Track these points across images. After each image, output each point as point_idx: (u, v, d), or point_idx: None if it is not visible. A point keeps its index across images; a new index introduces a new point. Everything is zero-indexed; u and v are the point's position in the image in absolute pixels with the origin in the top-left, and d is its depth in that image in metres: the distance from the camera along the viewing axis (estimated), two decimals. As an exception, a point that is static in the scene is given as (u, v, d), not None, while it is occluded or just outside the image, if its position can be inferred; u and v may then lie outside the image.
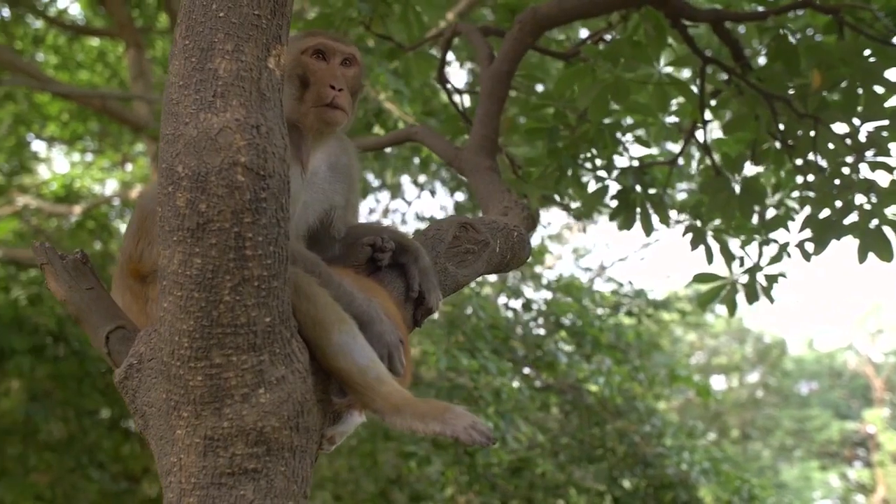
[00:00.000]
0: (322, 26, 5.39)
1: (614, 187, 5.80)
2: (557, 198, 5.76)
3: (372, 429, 15.30)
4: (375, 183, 15.02)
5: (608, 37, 5.06)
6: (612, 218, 5.90)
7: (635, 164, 5.63)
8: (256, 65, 2.16)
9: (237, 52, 2.14)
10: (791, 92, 4.69)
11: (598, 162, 5.72)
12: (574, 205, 5.96)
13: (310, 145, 2.76)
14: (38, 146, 18.82)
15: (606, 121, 5.38)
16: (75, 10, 17.77)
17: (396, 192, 15.95)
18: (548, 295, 12.92)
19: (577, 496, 13.13)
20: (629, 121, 5.49)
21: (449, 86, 5.24)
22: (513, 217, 3.77)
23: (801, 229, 5.39)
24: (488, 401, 10.61)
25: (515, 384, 12.16)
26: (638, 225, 5.72)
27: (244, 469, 2.17)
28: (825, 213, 5.05)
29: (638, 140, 5.75)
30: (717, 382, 32.00)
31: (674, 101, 5.29)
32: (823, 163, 4.83)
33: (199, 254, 2.09)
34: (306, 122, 2.75)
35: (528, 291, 13.40)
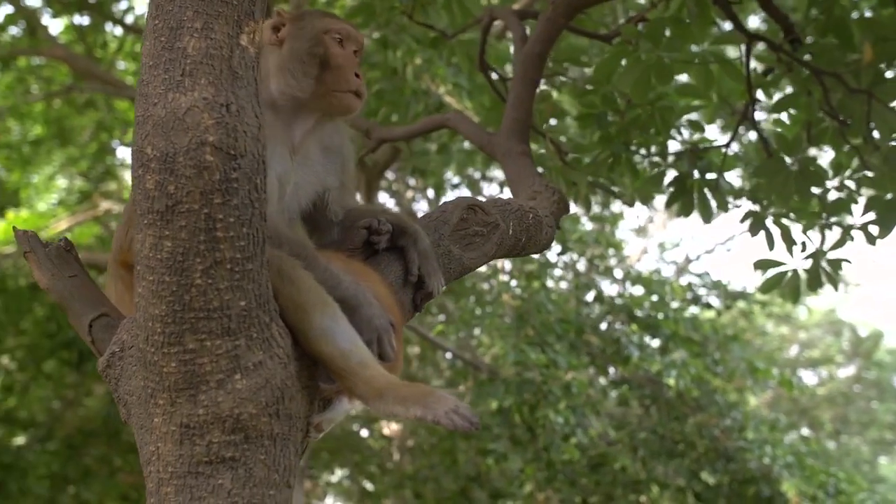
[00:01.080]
0: (364, 15, 5.35)
1: (670, 173, 5.66)
2: (608, 184, 5.62)
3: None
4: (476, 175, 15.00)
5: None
6: (668, 204, 5.75)
7: (684, 149, 5.46)
8: (227, 42, 2.10)
9: (206, 29, 2.08)
10: (843, 68, 4.48)
11: (652, 147, 5.59)
12: (625, 192, 5.80)
13: (307, 126, 2.70)
14: (123, 152, 19.22)
15: (657, 105, 5.25)
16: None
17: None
18: (622, 288, 12.68)
19: (658, 492, 12.87)
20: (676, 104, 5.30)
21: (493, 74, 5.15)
22: (541, 201, 3.67)
23: (865, 212, 5.17)
24: (557, 395, 10.44)
25: (595, 379, 12.01)
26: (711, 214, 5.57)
27: (221, 457, 2.11)
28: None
29: (691, 123, 5.59)
30: (809, 377, 31.12)
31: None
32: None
33: (169, 237, 2.04)
34: (320, 104, 2.70)
35: (605, 285, 13.23)
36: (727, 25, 5.13)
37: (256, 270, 2.13)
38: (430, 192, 16.40)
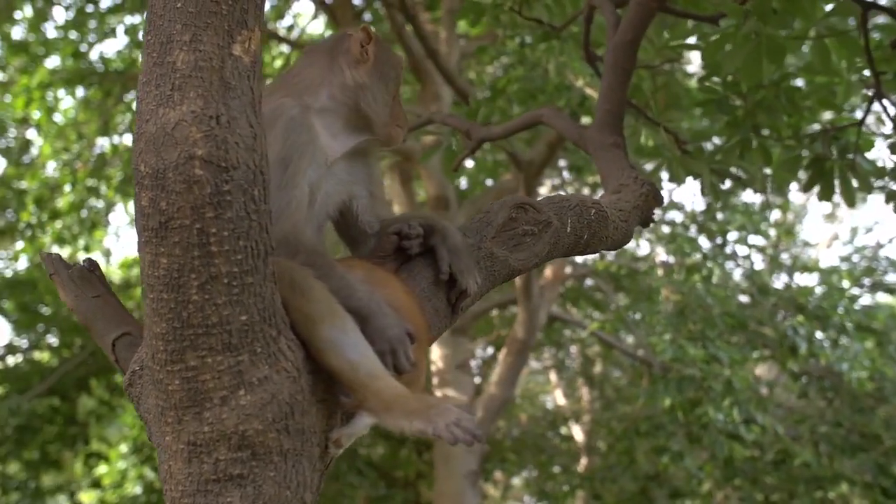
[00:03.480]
0: (472, 14, 5.27)
1: (807, 156, 5.32)
2: (735, 172, 5.33)
3: (627, 424, 15.02)
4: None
5: None
6: (806, 189, 5.41)
7: (818, 130, 5.11)
8: (218, 53, 2.07)
9: (195, 41, 2.05)
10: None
11: (785, 131, 5.28)
12: (755, 178, 5.49)
13: (350, 142, 2.67)
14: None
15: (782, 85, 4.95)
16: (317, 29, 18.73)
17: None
18: (790, 279, 12.09)
19: (845, 488, 12.19)
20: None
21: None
22: (625, 194, 3.50)
23: None
24: (718, 391, 10.02)
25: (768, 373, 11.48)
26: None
27: (229, 475, 2.08)
28: None
29: (822, 102, 5.23)
30: None
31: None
32: None
33: (165, 253, 2.03)
34: (379, 130, 2.70)
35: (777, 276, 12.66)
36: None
37: (258, 284, 2.08)
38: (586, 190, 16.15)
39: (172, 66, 2.05)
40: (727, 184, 5.61)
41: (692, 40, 5.13)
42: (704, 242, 12.38)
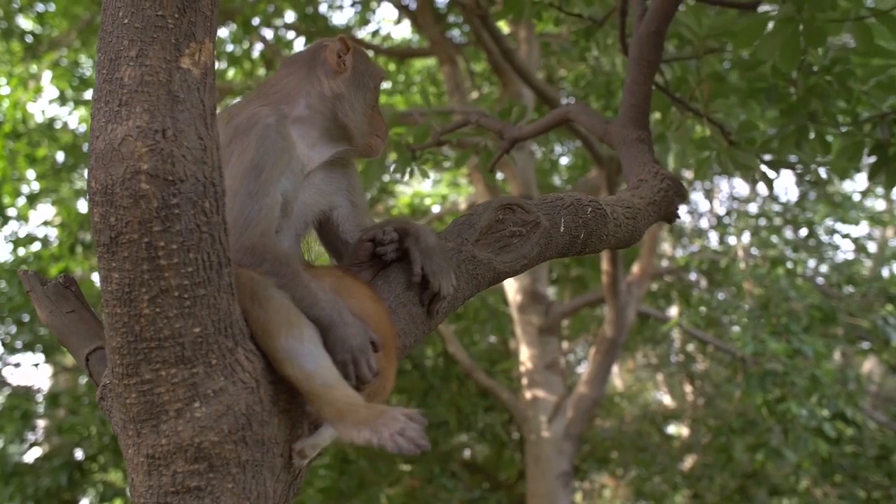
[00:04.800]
0: (512, 12, 5.20)
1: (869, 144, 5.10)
2: (789, 162, 5.14)
3: (721, 421, 14.68)
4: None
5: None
6: (871, 177, 5.19)
7: (877, 115, 4.89)
8: (165, 67, 2.08)
9: (141, 56, 2.07)
10: None
11: (843, 117, 5.07)
12: (810, 168, 5.29)
13: (329, 152, 2.66)
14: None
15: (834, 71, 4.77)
16: (401, 34, 18.85)
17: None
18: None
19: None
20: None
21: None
22: (644, 190, 3.41)
23: None
24: (801, 386, 9.68)
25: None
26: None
27: (187, 487, 2.08)
28: None
29: (880, 86, 5.00)
30: None
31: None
32: None
33: (116, 268, 2.04)
34: (357, 141, 2.70)
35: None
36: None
37: (212, 295, 2.08)
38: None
39: (120, 82, 2.06)
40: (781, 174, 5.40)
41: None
42: (787, 234, 12.07)
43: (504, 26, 15.20)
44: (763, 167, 4.93)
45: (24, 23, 12.90)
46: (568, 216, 2.81)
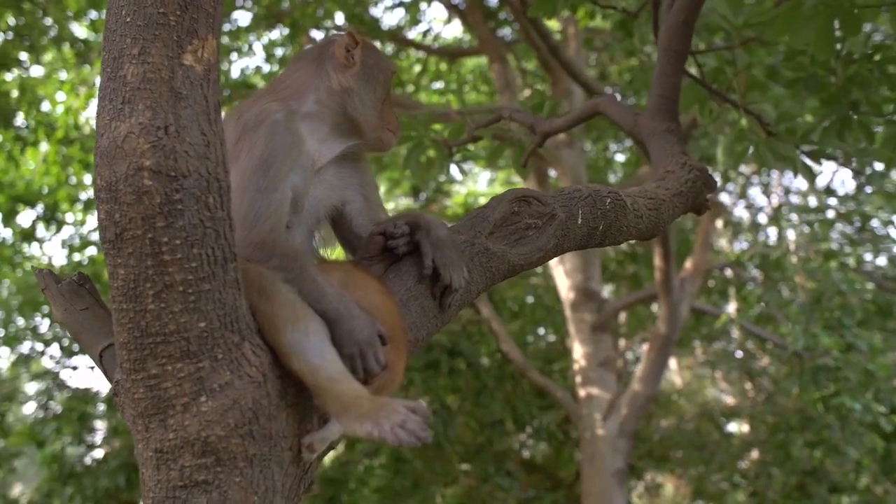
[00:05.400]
0: (543, 8, 5.17)
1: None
2: (831, 153, 5.03)
3: (780, 418, 14.43)
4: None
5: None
6: (919, 166, 5.08)
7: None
8: (167, 64, 2.09)
9: (143, 54, 2.08)
10: None
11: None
12: (854, 158, 5.17)
13: (339, 147, 2.65)
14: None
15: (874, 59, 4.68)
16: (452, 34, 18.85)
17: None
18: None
19: None
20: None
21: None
22: (670, 181, 3.36)
23: None
24: (855, 381, 9.48)
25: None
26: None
27: (195, 481, 2.09)
28: None
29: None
30: None
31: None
32: None
33: (121, 264, 2.06)
34: (369, 135, 2.69)
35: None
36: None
37: (217, 290, 2.09)
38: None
39: (123, 79, 2.08)
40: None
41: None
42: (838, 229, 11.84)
43: (554, 24, 15.15)
44: (804, 158, 4.84)
45: (79, 30, 13.13)
46: (585, 208, 2.77)
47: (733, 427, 18.58)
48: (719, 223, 15.35)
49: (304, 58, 2.70)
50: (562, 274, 12.96)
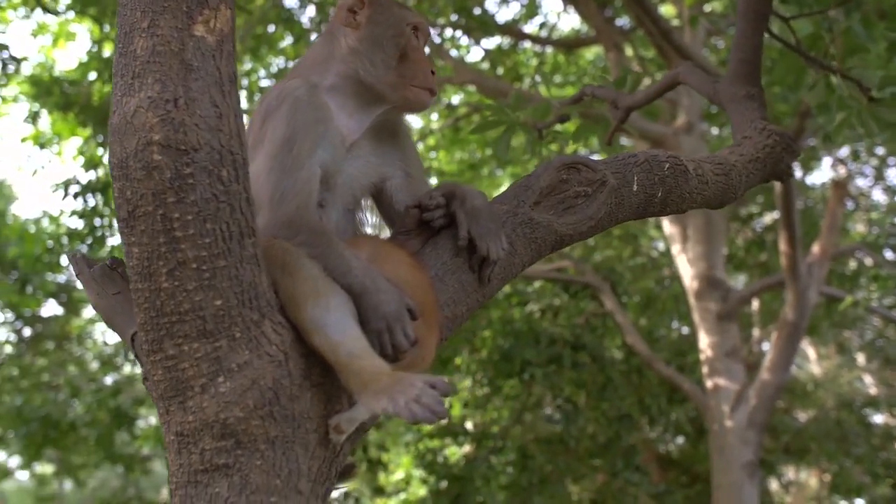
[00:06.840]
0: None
1: None
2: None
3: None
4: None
5: None
6: None
7: None
8: (177, 36, 2.04)
9: (152, 27, 2.04)
10: None
11: None
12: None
13: (370, 116, 2.53)
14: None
15: None
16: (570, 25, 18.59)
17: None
18: None
19: None
20: None
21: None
22: (746, 147, 3.16)
23: None
24: None
25: None
26: None
27: (215, 465, 2.02)
28: None
29: None
30: None
31: None
32: None
33: (135, 242, 2.02)
34: (394, 96, 2.51)
35: None
36: None
37: (233, 266, 2.02)
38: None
39: (133, 54, 2.04)
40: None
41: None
42: None
43: (670, 10, 14.77)
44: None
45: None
46: (641, 174, 2.60)
47: (878, 418, 17.78)
48: (850, 205, 14.71)
49: (325, 32, 2.61)
50: (685, 262, 12.61)
